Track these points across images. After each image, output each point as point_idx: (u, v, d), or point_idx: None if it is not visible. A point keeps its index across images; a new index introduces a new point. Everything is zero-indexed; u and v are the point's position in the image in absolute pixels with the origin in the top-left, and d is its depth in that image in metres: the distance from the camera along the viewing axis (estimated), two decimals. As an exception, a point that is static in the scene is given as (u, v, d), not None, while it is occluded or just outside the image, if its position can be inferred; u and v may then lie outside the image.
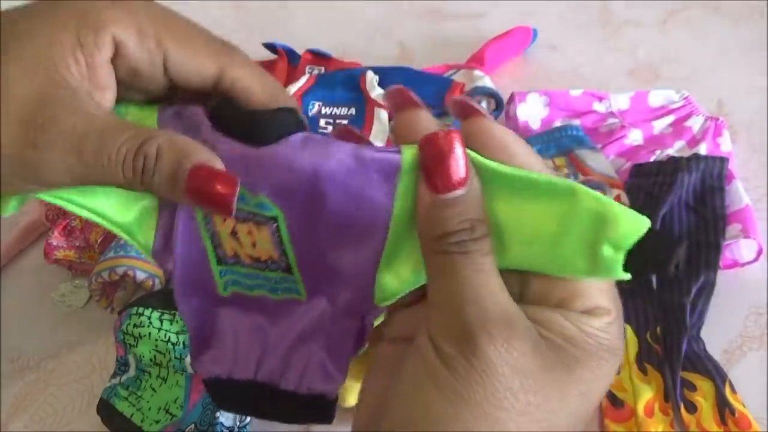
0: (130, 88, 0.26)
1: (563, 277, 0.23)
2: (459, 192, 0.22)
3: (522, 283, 0.24)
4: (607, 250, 0.22)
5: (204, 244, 0.27)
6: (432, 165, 0.23)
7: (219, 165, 0.24)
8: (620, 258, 0.21)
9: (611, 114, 0.77)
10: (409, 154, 0.24)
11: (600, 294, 0.23)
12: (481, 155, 0.23)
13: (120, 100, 0.26)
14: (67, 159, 0.23)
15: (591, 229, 0.22)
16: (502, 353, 0.21)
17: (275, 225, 0.26)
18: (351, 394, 0.56)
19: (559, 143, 0.73)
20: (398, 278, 0.26)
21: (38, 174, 0.23)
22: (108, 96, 0.25)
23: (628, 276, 0.22)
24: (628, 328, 0.62)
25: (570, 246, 0.22)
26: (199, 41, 0.26)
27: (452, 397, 0.21)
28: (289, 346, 0.28)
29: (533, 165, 0.23)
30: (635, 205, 0.66)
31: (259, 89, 0.26)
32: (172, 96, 0.27)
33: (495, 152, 0.23)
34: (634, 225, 0.21)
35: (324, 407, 0.29)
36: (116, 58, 0.24)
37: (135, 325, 0.60)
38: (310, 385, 0.28)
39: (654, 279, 0.63)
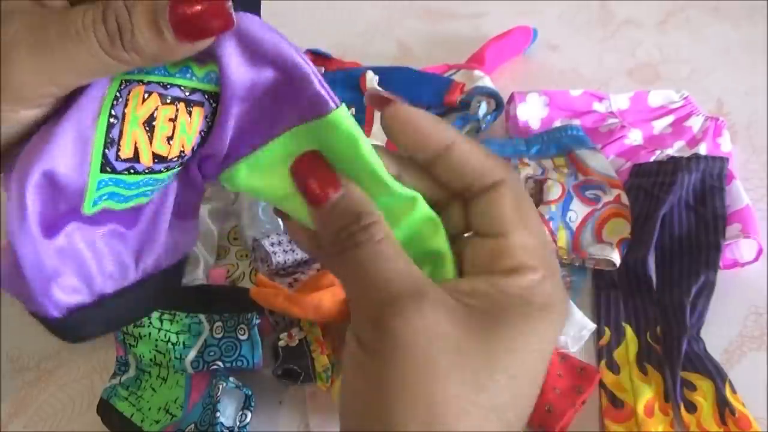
0: None
1: (490, 242, 0.24)
2: (335, 197, 0.23)
3: (460, 256, 0.25)
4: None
5: (91, 139, 0.22)
6: (303, 184, 0.24)
7: None
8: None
9: (611, 114, 0.77)
10: (342, 113, 0.23)
11: (523, 252, 0.23)
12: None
13: None
14: (34, 60, 0.21)
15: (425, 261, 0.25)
16: (415, 325, 0.21)
17: (214, 106, 0.24)
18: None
19: (559, 143, 0.73)
20: (248, 183, 0.25)
21: (16, 91, 0.21)
22: None
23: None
24: (628, 328, 0.62)
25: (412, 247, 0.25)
26: None
27: (379, 383, 0.21)
28: (161, 237, 0.26)
29: (445, 133, 0.24)
30: (635, 205, 0.66)
31: None
32: None
33: (411, 134, 0.24)
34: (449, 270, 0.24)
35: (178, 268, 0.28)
36: None
37: (135, 325, 0.60)
38: (170, 261, 0.27)
39: (654, 279, 0.63)
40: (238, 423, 0.56)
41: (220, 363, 0.58)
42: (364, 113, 0.77)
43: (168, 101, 0.23)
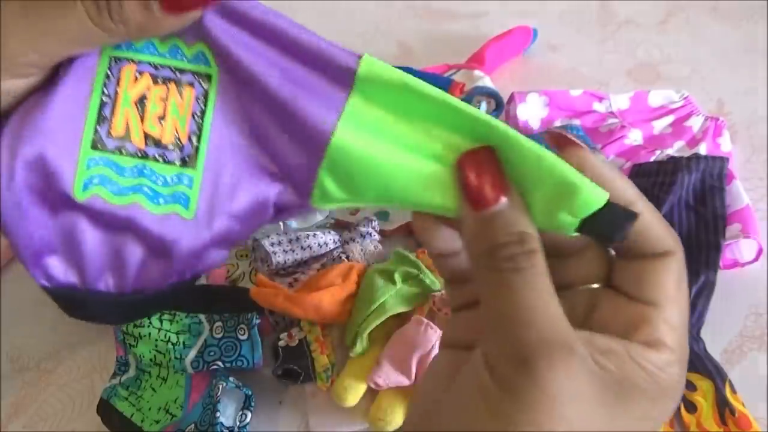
0: None
1: (638, 307, 0.23)
2: (500, 206, 0.22)
3: (589, 306, 0.24)
4: (564, 216, 0.22)
5: (83, 116, 0.22)
6: (468, 183, 0.22)
7: None
8: (575, 223, 0.22)
9: (611, 114, 0.77)
10: (368, 63, 0.22)
11: (667, 329, 0.23)
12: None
13: None
14: (21, 28, 0.21)
15: (553, 194, 0.22)
16: (561, 379, 0.20)
17: (206, 87, 0.23)
18: (351, 394, 0.56)
19: (559, 143, 0.73)
20: (342, 188, 0.23)
21: (3, 59, 0.21)
22: None
23: (576, 235, 0.22)
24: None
25: (534, 203, 0.23)
26: None
27: (505, 421, 0.20)
28: (181, 264, 0.25)
29: (627, 192, 0.23)
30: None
31: None
32: None
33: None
34: (592, 199, 0.22)
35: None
36: None
37: (135, 325, 0.60)
38: (194, 272, 0.26)
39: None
40: (238, 423, 0.56)
41: (220, 363, 0.58)
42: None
43: (159, 81, 0.23)
